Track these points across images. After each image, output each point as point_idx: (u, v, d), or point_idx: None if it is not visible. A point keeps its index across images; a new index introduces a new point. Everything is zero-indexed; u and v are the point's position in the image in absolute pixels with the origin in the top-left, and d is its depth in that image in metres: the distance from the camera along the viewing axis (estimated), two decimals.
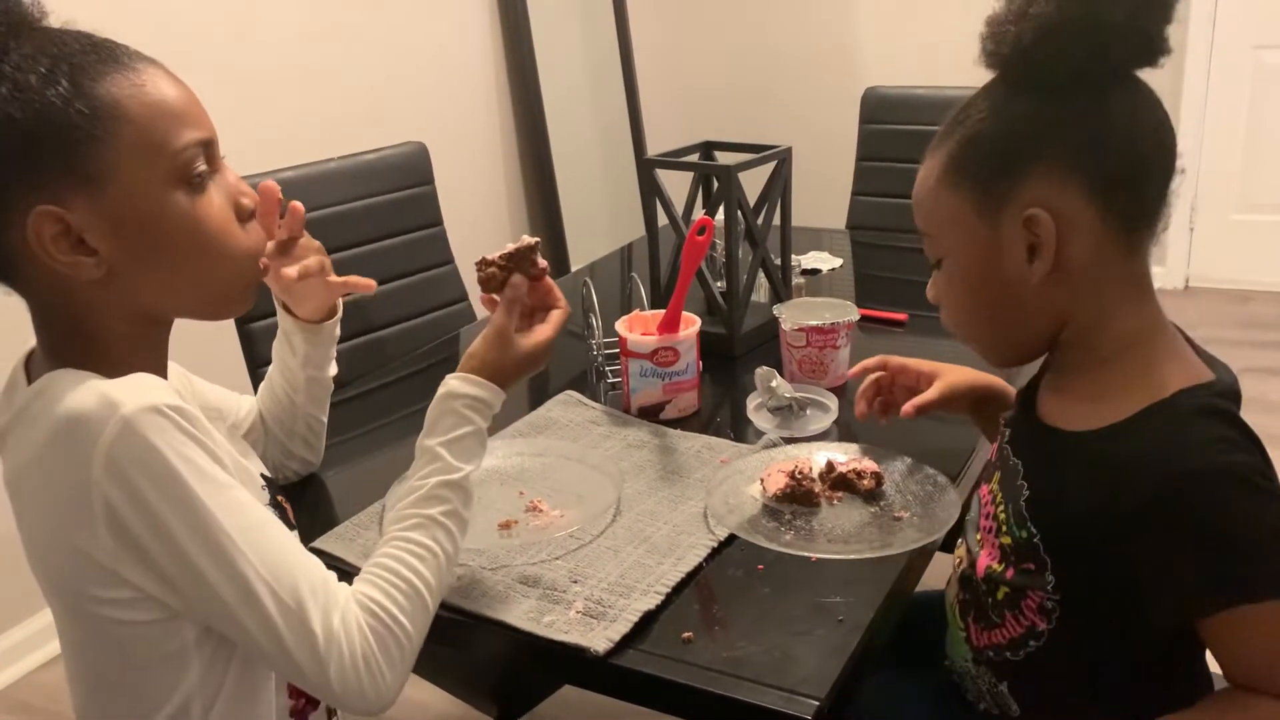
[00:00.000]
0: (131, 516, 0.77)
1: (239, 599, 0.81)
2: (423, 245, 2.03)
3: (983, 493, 1.07)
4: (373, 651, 0.85)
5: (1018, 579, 0.97)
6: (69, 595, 0.84)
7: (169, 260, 0.85)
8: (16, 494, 0.84)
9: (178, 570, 0.80)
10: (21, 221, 0.79)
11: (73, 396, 0.78)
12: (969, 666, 1.09)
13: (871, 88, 2.48)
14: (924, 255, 1.02)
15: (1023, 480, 0.98)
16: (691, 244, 1.43)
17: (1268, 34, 3.79)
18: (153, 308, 0.88)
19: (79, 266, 0.81)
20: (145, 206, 0.82)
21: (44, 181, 0.78)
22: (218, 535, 0.80)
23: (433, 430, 0.99)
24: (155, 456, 0.77)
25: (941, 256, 0.99)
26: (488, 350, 1.02)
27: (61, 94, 0.77)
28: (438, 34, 3.21)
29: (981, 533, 1.04)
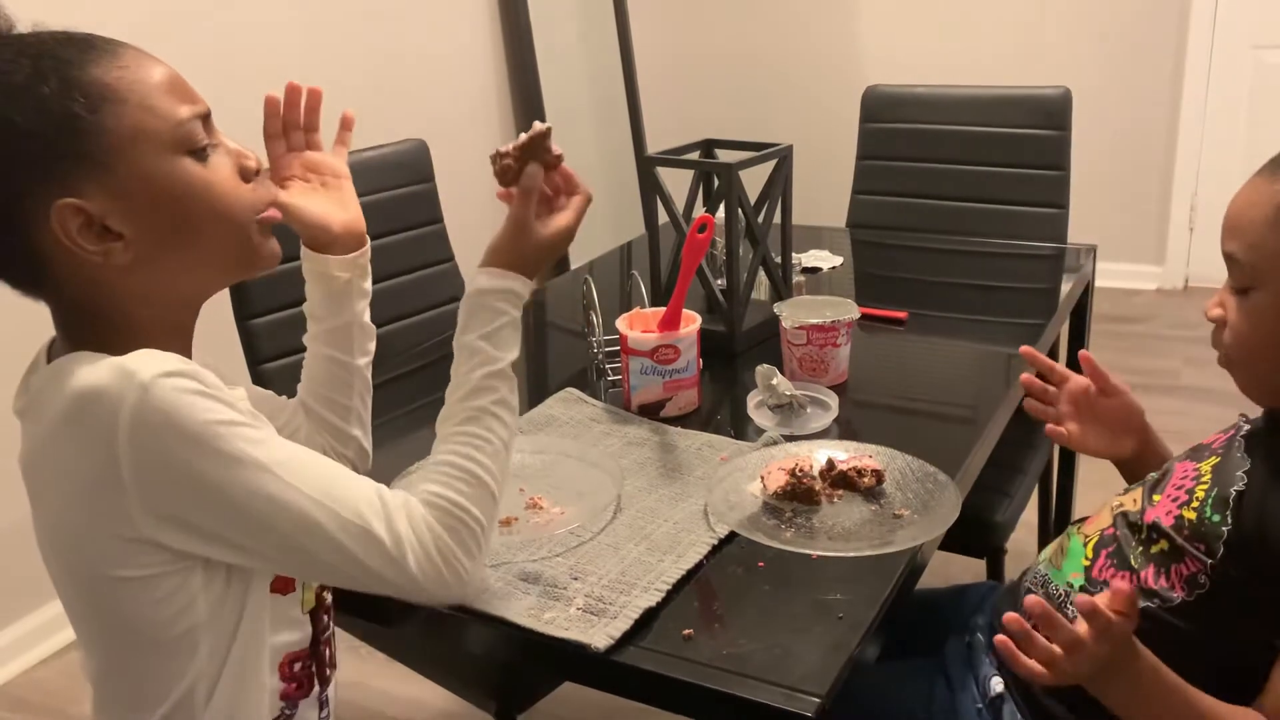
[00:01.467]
0: (167, 479, 0.78)
1: (298, 529, 0.82)
2: (423, 242, 2.03)
3: (1183, 465, 1.08)
4: (446, 543, 0.88)
5: (1181, 544, 1.00)
6: (85, 579, 0.85)
7: (188, 230, 0.86)
8: (34, 476, 0.84)
9: (227, 521, 0.81)
10: (45, 220, 0.80)
11: (86, 372, 0.79)
12: (1069, 590, 1.11)
13: (872, 86, 2.48)
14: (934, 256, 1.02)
15: (1244, 474, 0.99)
16: (692, 242, 1.43)
17: (1267, 34, 3.80)
18: (181, 289, 0.89)
19: (109, 253, 0.82)
20: (156, 181, 0.83)
21: (57, 176, 0.79)
22: (259, 475, 0.81)
23: (469, 326, 1.00)
24: (180, 416, 0.78)
25: (1256, 286, 0.99)
26: (509, 241, 1.02)
27: (53, 89, 0.78)
28: (438, 31, 3.21)
29: (1164, 494, 1.06)
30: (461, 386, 0.98)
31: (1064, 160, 2.26)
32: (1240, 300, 1.01)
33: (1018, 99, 2.32)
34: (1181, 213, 4.05)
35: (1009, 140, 2.31)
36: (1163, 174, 4.04)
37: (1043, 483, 2.14)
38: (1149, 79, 3.96)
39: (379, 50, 3.00)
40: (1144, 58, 3.94)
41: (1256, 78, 3.83)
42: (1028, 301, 1.94)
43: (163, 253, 0.85)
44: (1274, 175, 0.97)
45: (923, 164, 2.39)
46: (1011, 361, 1.63)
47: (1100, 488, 1.34)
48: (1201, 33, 3.84)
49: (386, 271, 1.95)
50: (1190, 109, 3.93)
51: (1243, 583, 0.97)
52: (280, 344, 1.77)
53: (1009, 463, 1.88)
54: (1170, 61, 3.92)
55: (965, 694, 1.20)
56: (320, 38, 2.78)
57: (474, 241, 3.36)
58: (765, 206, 1.70)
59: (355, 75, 2.90)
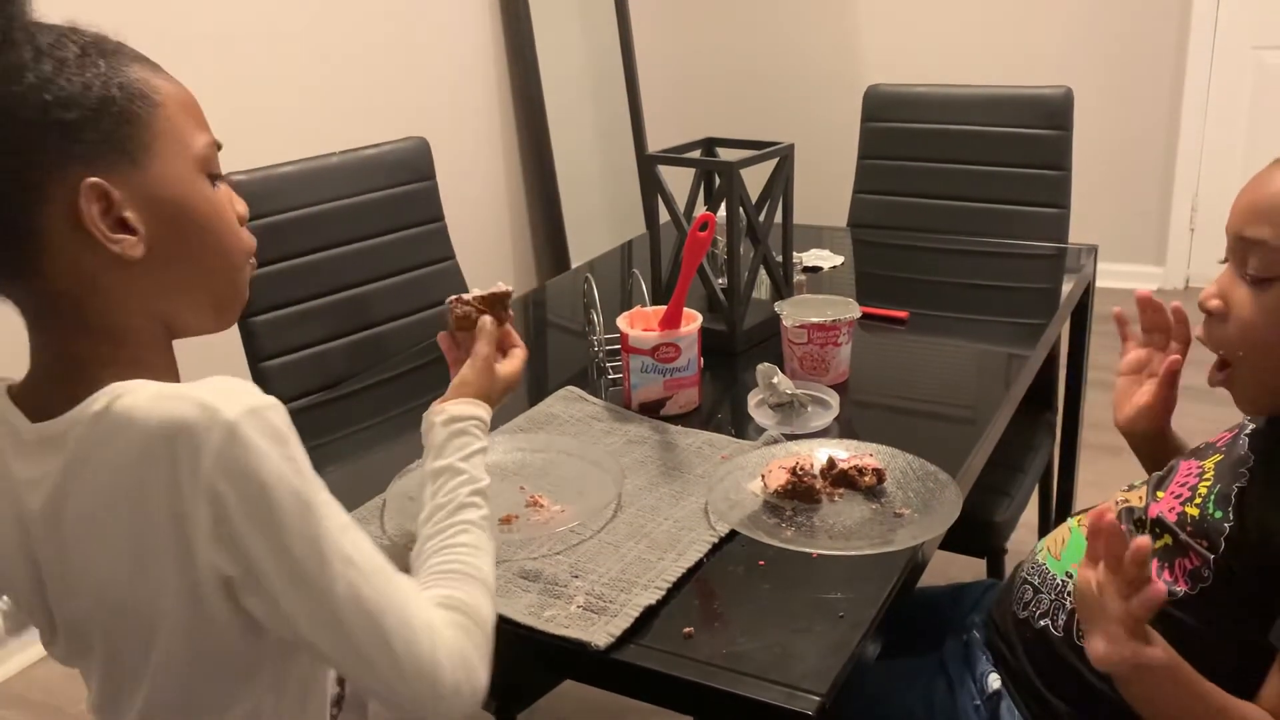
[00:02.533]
0: (243, 519, 0.75)
1: (345, 600, 0.78)
2: (424, 241, 2.03)
3: (1188, 464, 1.08)
4: (464, 646, 0.84)
5: (1185, 540, 1.00)
6: (143, 620, 0.80)
7: (193, 246, 0.84)
8: (90, 523, 0.79)
9: (280, 572, 0.77)
10: (64, 198, 0.77)
11: (161, 406, 0.74)
12: (1068, 580, 1.11)
13: (874, 85, 2.48)
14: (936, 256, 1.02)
15: (1247, 470, 0.99)
16: (693, 240, 1.43)
17: (1268, 35, 3.80)
18: (167, 306, 0.85)
19: (124, 244, 0.79)
20: (177, 190, 0.82)
21: (88, 156, 0.77)
22: (324, 537, 0.78)
23: (444, 451, 0.99)
24: (261, 461, 0.74)
25: (1276, 277, 0.94)
26: (479, 377, 1.08)
27: (100, 72, 0.78)
28: (439, 29, 3.21)
29: (1168, 491, 1.06)
30: (445, 505, 0.95)
31: (1065, 160, 2.26)
32: (1256, 292, 0.96)
33: (1019, 99, 2.32)
34: (1182, 213, 4.05)
35: (1010, 140, 2.30)
36: (1164, 174, 4.04)
37: (1043, 482, 2.14)
38: (1150, 79, 3.96)
39: (380, 49, 3.00)
40: (1145, 58, 3.94)
41: (1257, 78, 3.83)
42: (1029, 301, 1.94)
43: (163, 263, 0.82)
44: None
45: (924, 163, 2.39)
46: (1012, 361, 1.63)
47: (1100, 487, 1.34)
48: (1202, 33, 3.84)
49: (387, 270, 1.95)
50: (1191, 109, 3.93)
51: (1244, 577, 0.97)
52: (281, 341, 1.77)
53: (1009, 462, 1.88)
54: (1171, 62, 3.92)
55: (963, 691, 1.20)
56: (322, 36, 2.78)
57: (474, 240, 3.35)
58: (766, 205, 1.70)
59: (357, 74, 2.90)
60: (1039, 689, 1.13)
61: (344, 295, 1.87)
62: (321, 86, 2.78)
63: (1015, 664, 1.17)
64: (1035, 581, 1.16)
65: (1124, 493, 1.15)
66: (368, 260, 1.92)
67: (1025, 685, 1.15)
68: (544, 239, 3.71)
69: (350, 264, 1.89)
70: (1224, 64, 3.86)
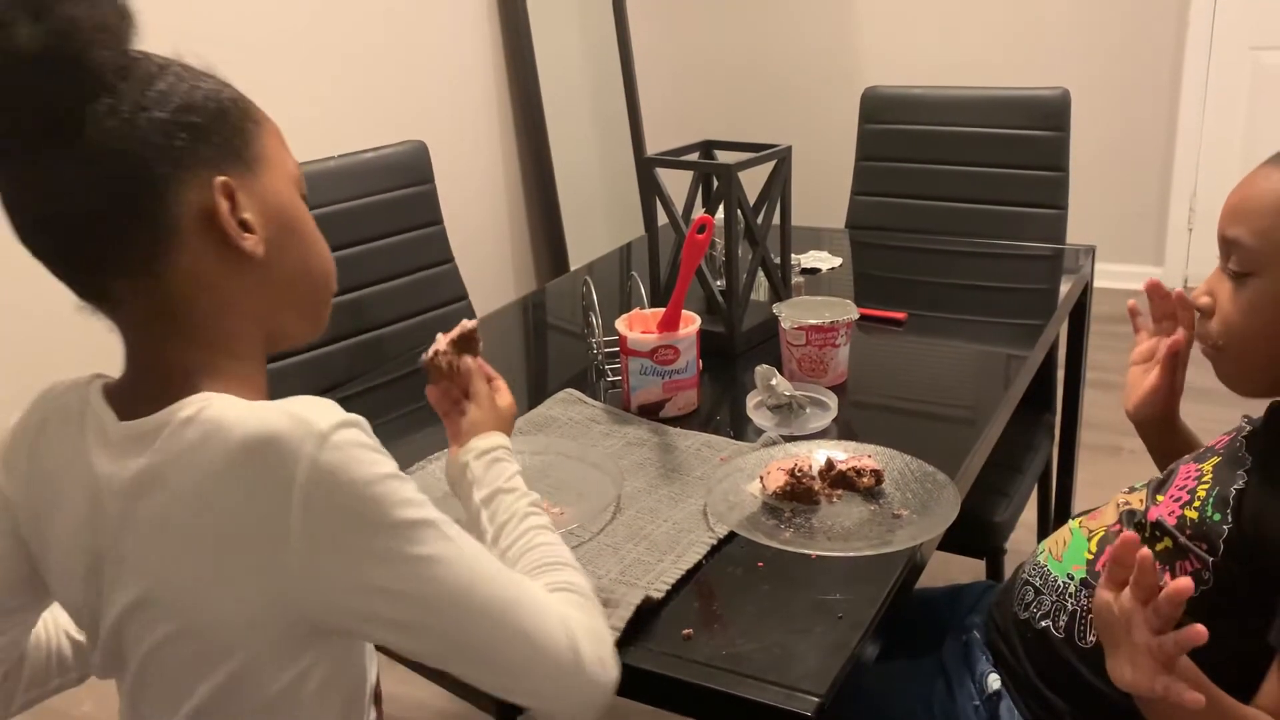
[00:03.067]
0: (338, 534, 0.75)
1: (483, 605, 0.78)
2: (422, 244, 2.04)
3: (1187, 467, 1.09)
4: (594, 620, 0.85)
5: (1184, 543, 1.01)
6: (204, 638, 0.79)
7: (298, 257, 0.87)
8: (166, 528, 0.78)
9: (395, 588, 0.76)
10: (194, 192, 0.79)
11: (255, 414, 0.75)
12: (1069, 582, 1.12)
13: (871, 87, 2.48)
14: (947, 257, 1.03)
15: (1244, 472, 1.00)
16: (691, 243, 1.43)
17: (1265, 35, 3.80)
18: (271, 312, 0.87)
19: (249, 241, 0.82)
20: (284, 200, 0.86)
21: (218, 160, 0.81)
22: (430, 532, 0.78)
23: (485, 480, 1.00)
24: (359, 470, 0.75)
25: (1254, 272, 0.99)
26: (487, 414, 1.08)
27: (214, 87, 0.82)
28: (437, 33, 3.22)
29: (1168, 494, 1.07)
30: (512, 517, 0.96)
31: (1063, 161, 2.27)
32: (1235, 287, 1.01)
33: (1017, 100, 2.32)
34: (1180, 213, 4.05)
35: (1008, 141, 2.31)
36: (1161, 175, 4.05)
37: (1042, 483, 2.14)
38: (1147, 80, 3.96)
39: (379, 52, 3.00)
40: (1142, 59, 3.94)
41: (1255, 79, 3.84)
42: (1027, 302, 1.95)
43: (272, 268, 0.84)
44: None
45: (921, 165, 2.40)
46: (1011, 362, 1.63)
47: (1099, 486, 1.34)
48: (1200, 34, 3.85)
49: (386, 273, 1.95)
50: (1189, 110, 3.93)
51: (1243, 580, 0.97)
52: None
53: (1008, 463, 1.88)
54: (1169, 62, 3.92)
55: (963, 692, 1.21)
56: (321, 39, 2.79)
57: (473, 243, 3.35)
58: (764, 207, 1.70)
59: (355, 77, 2.91)
60: (1039, 689, 1.13)
61: (343, 298, 1.88)
62: (319, 90, 2.78)
63: (1015, 664, 1.17)
64: (1036, 583, 1.17)
65: (1124, 495, 1.15)
66: (367, 263, 1.92)
67: (1025, 685, 1.15)
68: (543, 241, 3.71)
69: (349, 267, 1.89)
70: (1221, 64, 3.86)
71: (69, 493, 0.84)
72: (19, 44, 0.72)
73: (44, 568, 0.89)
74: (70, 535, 0.84)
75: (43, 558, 0.88)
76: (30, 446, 0.87)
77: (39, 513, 0.86)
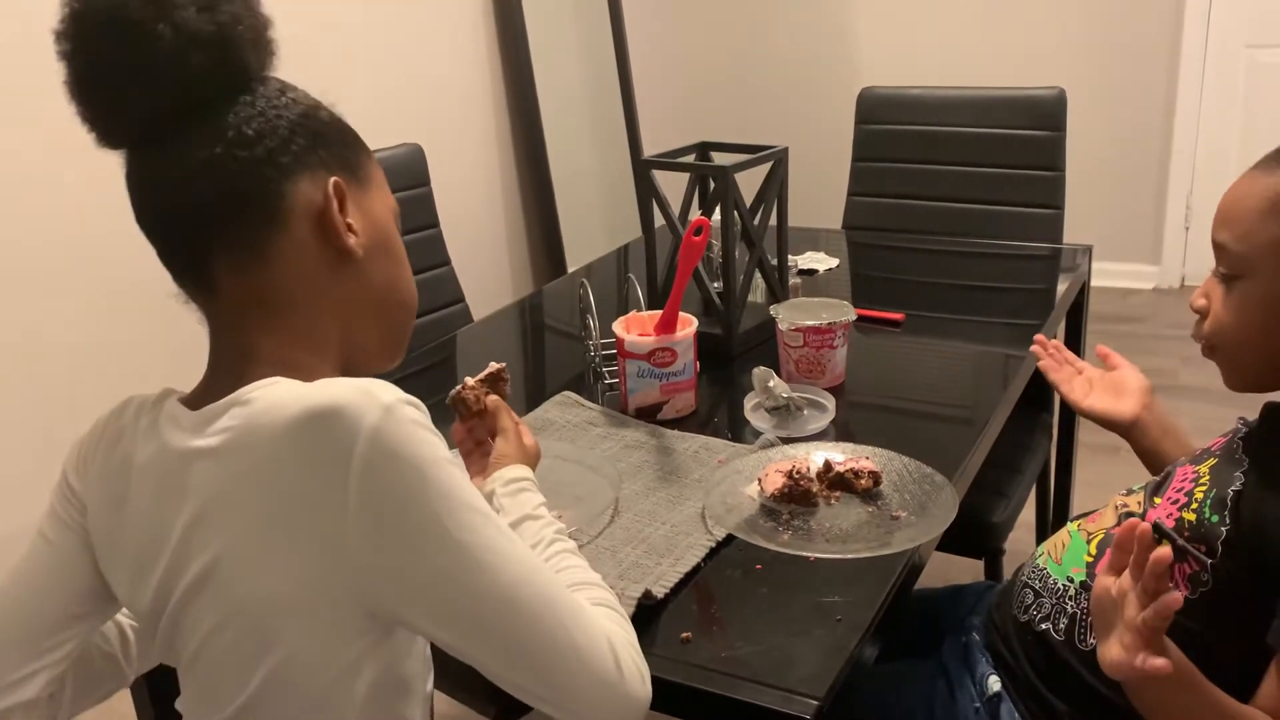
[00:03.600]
0: (395, 506, 0.75)
1: (525, 591, 0.78)
2: (419, 247, 2.03)
3: (1184, 469, 1.09)
4: (628, 634, 0.85)
5: (1182, 545, 1.01)
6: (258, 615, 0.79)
7: (388, 274, 0.91)
8: (226, 506, 0.79)
9: (446, 564, 0.76)
10: (308, 187, 0.84)
11: (317, 390, 0.77)
12: (1069, 585, 1.12)
13: (867, 88, 2.48)
14: (929, 257, 1.03)
15: (1241, 474, 1.00)
16: (688, 244, 1.43)
17: (1262, 33, 3.80)
18: (356, 321, 0.89)
19: (353, 239, 0.87)
20: (384, 222, 0.91)
21: (330, 162, 0.87)
22: (487, 524, 0.79)
23: (513, 509, 1.00)
24: (420, 445, 0.76)
25: (1241, 274, 1.01)
26: (514, 449, 1.09)
27: (329, 111, 0.90)
28: (433, 35, 3.21)
29: (1165, 497, 1.07)
30: (539, 543, 0.95)
31: (1059, 161, 2.27)
32: (1226, 289, 1.03)
33: (1012, 100, 2.32)
34: (1177, 212, 4.06)
35: (1004, 141, 2.31)
36: (1158, 173, 4.05)
37: (1040, 483, 2.14)
38: (1143, 79, 3.97)
39: (374, 55, 3.00)
40: (1138, 57, 3.95)
41: (1251, 76, 3.84)
42: (1024, 302, 1.95)
43: (365, 276, 0.89)
44: (1270, 169, 1.00)
45: (918, 165, 2.40)
46: (1009, 362, 1.63)
47: (1098, 487, 1.34)
48: (1195, 32, 3.85)
49: None
50: (1185, 108, 3.93)
51: (1242, 580, 0.97)
52: None
53: (1007, 463, 1.88)
54: (1165, 61, 3.93)
55: (963, 693, 1.21)
56: (316, 43, 2.78)
57: (470, 246, 3.34)
58: (761, 209, 1.70)
59: (351, 80, 2.90)
60: (1040, 690, 1.13)
61: None
62: (315, 93, 2.78)
63: (1015, 665, 1.17)
64: (1036, 585, 1.17)
65: (1123, 497, 1.15)
66: None
67: (1026, 687, 1.15)
68: (540, 244, 3.71)
69: None
70: (1217, 62, 3.86)
71: (141, 479, 0.85)
72: (188, 25, 0.78)
73: (111, 566, 0.89)
74: (140, 518, 0.85)
75: (111, 556, 0.89)
76: (106, 449, 0.88)
77: (111, 507, 0.87)
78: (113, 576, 0.90)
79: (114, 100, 0.80)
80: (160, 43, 0.78)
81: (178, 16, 0.78)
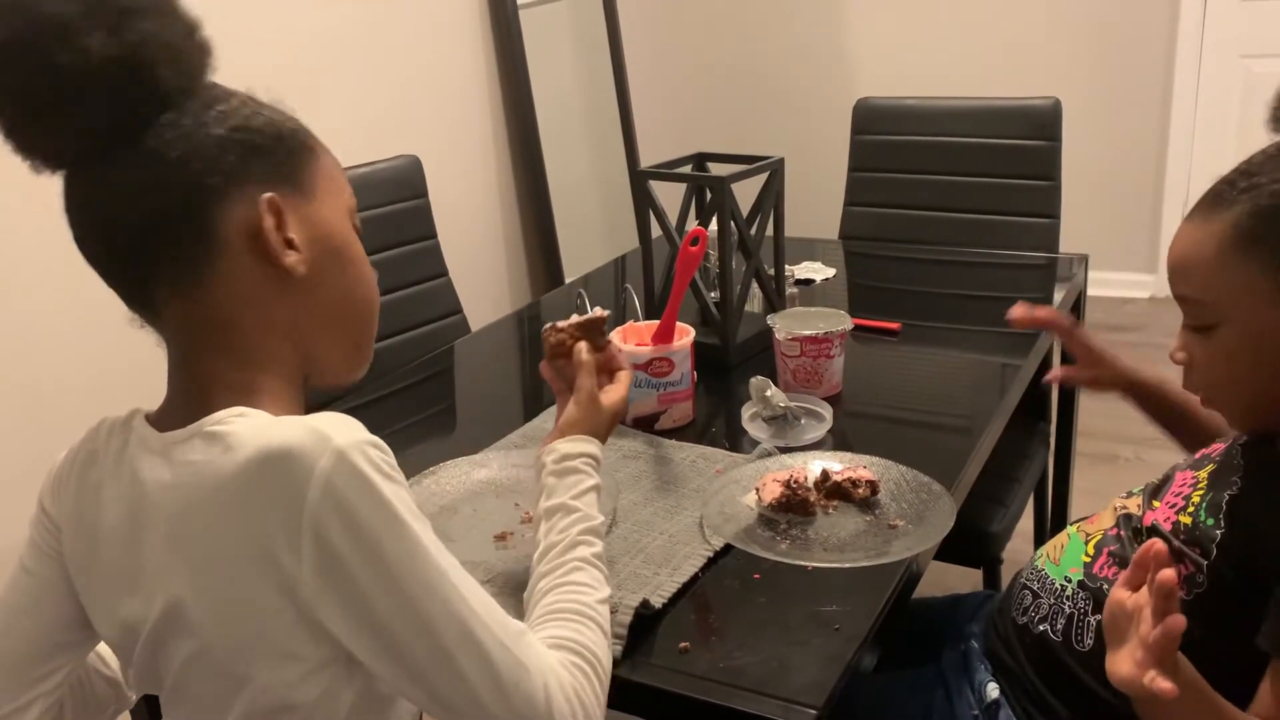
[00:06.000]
0: (345, 547, 0.74)
1: (455, 635, 0.77)
2: (416, 258, 2.04)
3: (1183, 474, 1.09)
4: (580, 683, 0.83)
5: (1178, 547, 1.01)
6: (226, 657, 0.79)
7: (343, 284, 0.88)
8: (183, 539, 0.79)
9: (390, 610, 0.76)
10: (242, 208, 0.81)
11: (273, 430, 0.76)
12: (1066, 585, 1.12)
13: (863, 99, 2.49)
14: (923, 265, 1.03)
15: (1238, 479, 1.00)
16: (685, 255, 1.43)
17: (1256, 44, 3.82)
18: (312, 336, 0.87)
19: (292, 259, 0.83)
20: (336, 228, 0.87)
21: (266, 178, 0.83)
22: (433, 567, 0.77)
23: (556, 490, 0.99)
24: (371, 489, 0.75)
25: (1215, 324, 1.01)
26: (583, 413, 1.07)
27: (275, 115, 0.85)
28: (430, 47, 3.22)
29: (1164, 501, 1.07)
30: (557, 544, 0.95)
31: (1055, 170, 2.27)
32: (1204, 339, 1.02)
33: (1008, 110, 2.33)
34: (1173, 221, 4.06)
35: (1000, 151, 2.31)
36: (1154, 183, 4.06)
37: (1038, 492, 2.14)
38: (1139, 88, 3.98)
39: (371, 66, 3.00)
40: (1134, 67, 3.96)
41: (1246, 86, 3.85)
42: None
43: (316, 290, 0.85)
44: (1208, 216, 1.01)
45: (914, 175, 2.40)
46: (1005, 371, 1.63)
47: (1096, 495, 1.35)
48: (1190, 42, 3.87)
49: (381, 287, 1.95)
50: (1180, 118, 3.94)
51: (1236, 583, 0.98)
52: None
53: (1004, 472, 1.88)
54: (1160, 71, 3.94)
55: (961, 701, 1.20)
56: (313, 54, 2.79)
57: (467, 256, 3.34)
58: (758, 219, 1.70)
59: (348, 91, 2.91)
60: (1041, 693, 1.13)
61: None
62: (313, 105, 2.78)
63: (1015, 668, 1.17)
64: (1034, 586, 1.17)
65: (1122, 500, 1.16)
66: None
67: (1026, 690, 1.15)
68: (537, 254, 3.71)
69: None
70: (1212, 72, 3.88)
71: (112, 506, 0.84)
72: (92, 52, 0.75)
73: (86, 593, 0.89)
74: (110, 547, 0.84)
75: (87, 583, 0.88)
76: (79, 474, 0.87)
77: (84, 533, 0.87)
78: (87, 603, 0.89)
79: (29, 132, 0.78)
80: (63, 72, 0.75)
81: (81, 43, 0.74)
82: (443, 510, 1.25)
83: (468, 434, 1.51)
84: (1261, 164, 0.98)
